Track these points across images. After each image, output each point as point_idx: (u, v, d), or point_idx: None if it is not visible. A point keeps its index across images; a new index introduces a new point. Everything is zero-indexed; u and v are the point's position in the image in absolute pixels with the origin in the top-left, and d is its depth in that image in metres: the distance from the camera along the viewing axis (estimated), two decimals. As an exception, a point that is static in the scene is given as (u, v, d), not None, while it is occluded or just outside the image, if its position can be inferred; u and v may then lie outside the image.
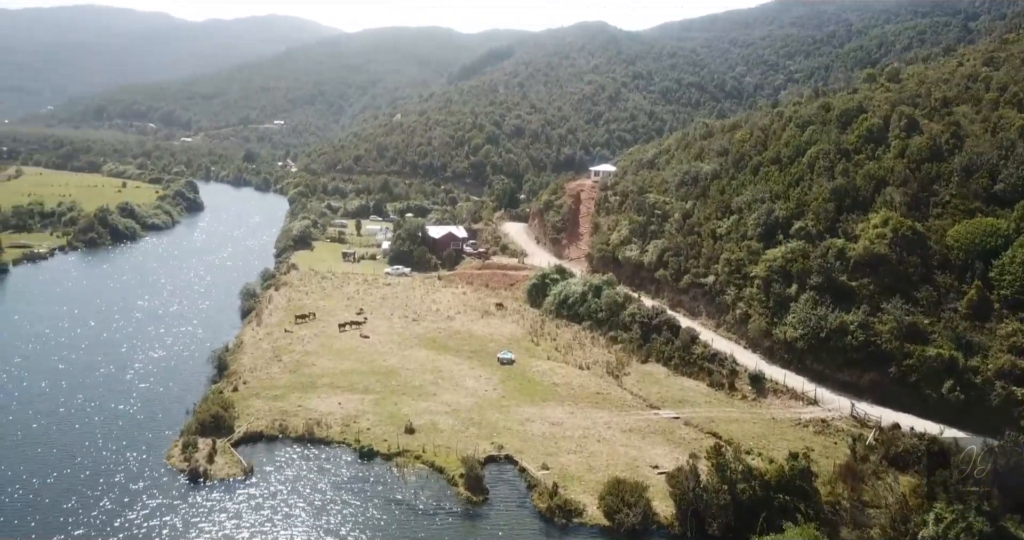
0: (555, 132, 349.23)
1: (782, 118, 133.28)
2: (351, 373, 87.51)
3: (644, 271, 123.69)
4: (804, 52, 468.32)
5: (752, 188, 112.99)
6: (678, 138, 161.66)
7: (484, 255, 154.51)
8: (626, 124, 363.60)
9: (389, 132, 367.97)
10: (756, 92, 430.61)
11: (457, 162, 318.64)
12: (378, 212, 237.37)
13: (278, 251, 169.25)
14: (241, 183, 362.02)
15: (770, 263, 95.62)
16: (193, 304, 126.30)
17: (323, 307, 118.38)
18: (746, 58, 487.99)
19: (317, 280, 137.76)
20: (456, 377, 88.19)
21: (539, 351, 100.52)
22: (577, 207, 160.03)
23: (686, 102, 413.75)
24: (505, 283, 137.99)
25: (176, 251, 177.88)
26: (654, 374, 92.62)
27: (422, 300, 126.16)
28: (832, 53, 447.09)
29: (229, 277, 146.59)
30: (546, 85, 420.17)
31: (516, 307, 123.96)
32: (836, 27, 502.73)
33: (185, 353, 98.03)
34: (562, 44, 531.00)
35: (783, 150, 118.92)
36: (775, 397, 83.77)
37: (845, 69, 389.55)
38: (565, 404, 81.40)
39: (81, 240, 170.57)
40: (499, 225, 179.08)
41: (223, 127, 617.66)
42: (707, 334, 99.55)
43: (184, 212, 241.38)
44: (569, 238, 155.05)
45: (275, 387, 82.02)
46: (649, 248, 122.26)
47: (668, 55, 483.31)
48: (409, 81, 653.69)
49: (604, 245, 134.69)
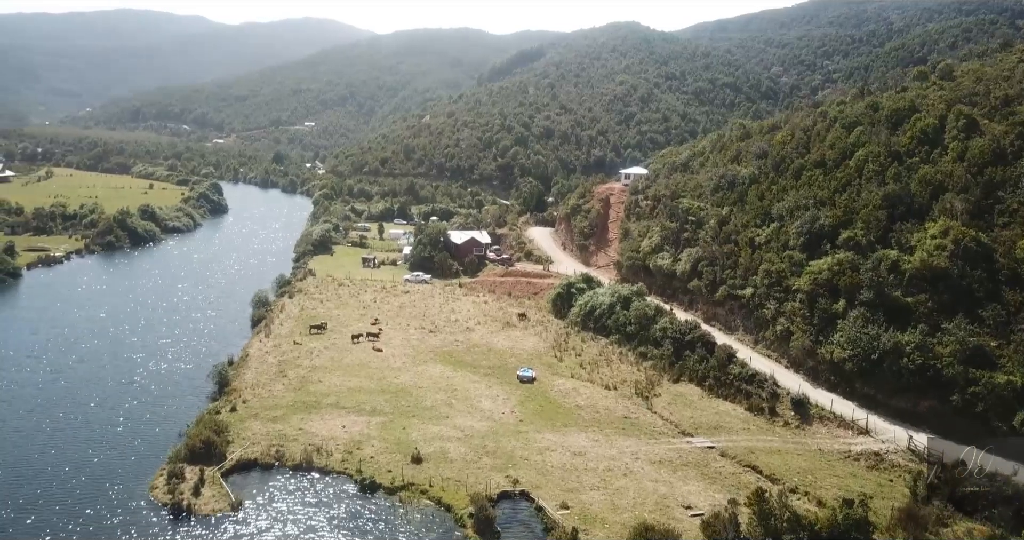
0: (585, 133, 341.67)
1: (825, 119, 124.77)
2: (359, 392, 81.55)
3: (676, 281, 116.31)
4: (842, 52, 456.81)
5: (794, 194, 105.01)
6: (713, 140, 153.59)
7: (507, 262, 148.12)
8: (658, 125, 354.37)
9: (417, 134, 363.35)
10: (792, 93, 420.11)
11: (484, 164, 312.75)
12: (402, 215, 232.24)
13: (297, 256, 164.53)
14: (268, 185, 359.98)
15: (815, 276, 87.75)
16: (204, 312, 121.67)
17: (337, 316, 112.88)
18: (782, 58, 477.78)
19: (334, 287, 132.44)
20: (471, 397, 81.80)
21: (562, 368, 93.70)
22: (606, 212, 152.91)
23: (720, 103, 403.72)
24: (529, 292, 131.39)
25: (195, 255, 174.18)
26: (687, 395, 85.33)
27: (441, 309, 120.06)
28: (872, 52, 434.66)
29: (245, 282, 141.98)
30: (576, 86, 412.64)
31: (539, 318, 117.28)
32: (876, 26, 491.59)
33: (188, 366, 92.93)
34: (594, 44, 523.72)
35: (828, 153, 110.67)
36: (821, 424, 76.02)
37: (886, 68, 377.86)
38: (589, 430, 74.53)
39: (99, 243, 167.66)
40: (524, 230, 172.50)
41: (254, 129, 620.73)
42: (744, 351, 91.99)
43: (207, 214, 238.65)
44: (597, 244, 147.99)
45: (276, 407, 76.32)
46: (682, 257, 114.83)
47: (702, 55, 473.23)
48: (440, 82, 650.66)
49: (634, 253, 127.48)
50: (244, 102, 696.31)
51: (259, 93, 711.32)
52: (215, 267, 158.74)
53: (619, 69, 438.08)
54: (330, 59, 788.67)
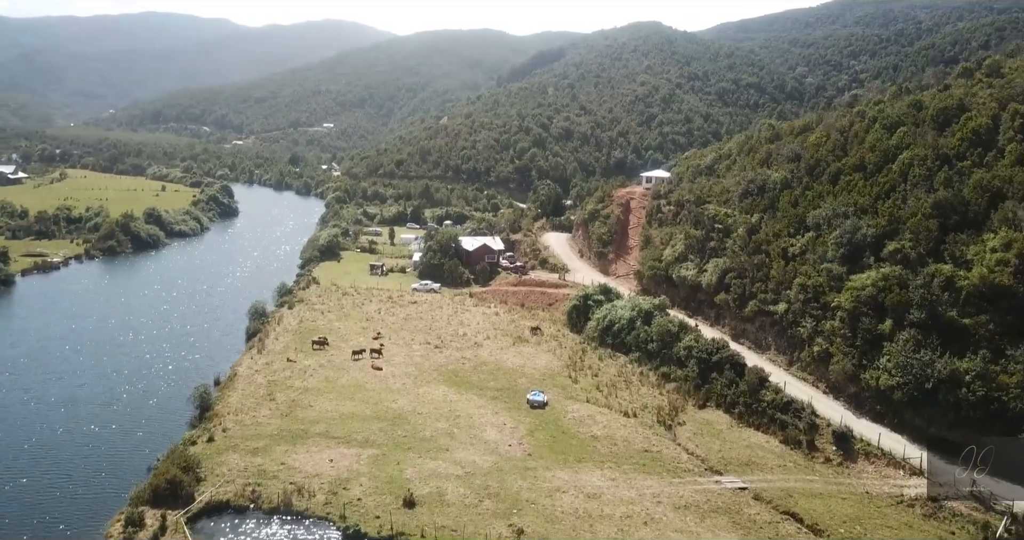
0: (605, 135, 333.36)
1: (863, 119, 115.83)
2: (352, 418, 74.19)
3: (701, 294, 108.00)
4: (870, 51, 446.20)
5: (831, 200, 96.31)
6: (740, 142, 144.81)
7: (521, 270, 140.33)
8: (680, 127, 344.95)
9: (433, 136, 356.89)
10: (818, 93, 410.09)
11: (501, 166, 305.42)
12: (415, 219, 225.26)
13: (303, 262, 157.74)
14: (283, 187, 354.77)
15: (857, 292, 79.11)
16: (199, 323, 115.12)
17: (338, 330, 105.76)
18: (807, 58, 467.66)
19: (337, 297, 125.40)
20: (476, 425, 74.15)
21: (577, 390, 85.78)
22: (626, 217, 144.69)
23: (744, 104, 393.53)
24: (543, 303, 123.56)
25: (198, 261, 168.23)
26: (714, 424, 77.13)
27: (448, 322, 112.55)
28: (900, 52, 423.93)
29: (247, 290, 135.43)
30: (597, 86, 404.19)
31: (554, 332, 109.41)
32: (904, 25, 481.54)
33: (172, 386, 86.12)
34: (614, 45, 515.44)
35: (868, 156, 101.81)
36: (867, 462, 67.55)
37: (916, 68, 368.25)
38: (605, 466, 66.58)
39: (100, 248, 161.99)
40: (539, 236, 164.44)
41: (273, 130, 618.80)
42: (778, 374, 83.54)
43: (217, 218, 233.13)
44: (616, 252, 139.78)
45: (259, 436, 69.13)
46: (708, 267, 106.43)
47: (725, 55, 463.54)
48: (460, 84, 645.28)
49: (656, 262, 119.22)
50: (264, 104, 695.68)
51: (279, 95, 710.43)
52: (217, 274, 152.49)
53: (640, 69, 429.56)
54: (349, 60, 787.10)
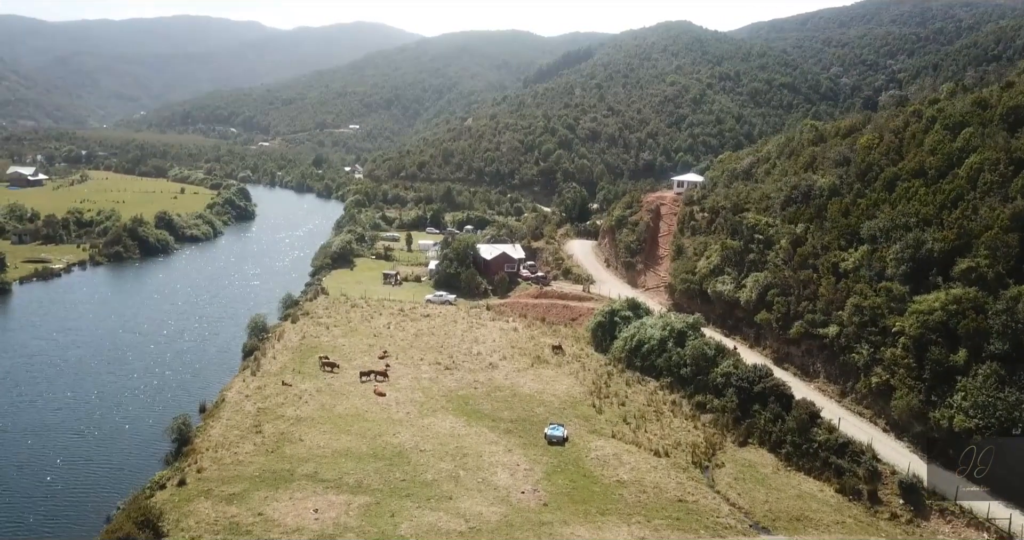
0: (634, 136, 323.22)
1: (920, 118, 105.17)
2: (346, 456, 65.68)
3: (740, 311, 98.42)
4: (907, 50, 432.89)
5: (888, 210, 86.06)
6: (780, 144, 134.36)
7: (543, 280, 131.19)
8: (711, 128, 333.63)
9: (456, 137, 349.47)
10: (853, 93, 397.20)
11: (526, 169, 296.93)
12: (435, 224, 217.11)
13: (314, 270, 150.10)
14: (304, 189, 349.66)
15: (924, 316, 69.05)
16: (196, 338, 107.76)
17: (342, 347, 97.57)
18: (842, 58, 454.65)
19: (345, 309, 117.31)
20: (485, 465, 65.26)
21: (602, 422, 76.53)
22: (656, 224, 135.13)
23: (777, 104, 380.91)
24: (566, 317, 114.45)
25: (207, 267, 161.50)
26: (758, 467, 67.51)
27: (462, 338, 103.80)
28: (940, 51, 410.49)
29: (253, 301, 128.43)
30: (625, 87, 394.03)
31: (577, 351, 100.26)
32: (943, 23, 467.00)
33: (156, 412, 78.29)
34: (643, 44, 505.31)
35: (928, 159, 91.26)
36: (942, 520, 57.61)
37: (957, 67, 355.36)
38: (633, 520, 57.31)
39: (105, 254, 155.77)
40: (563, 243, 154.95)
41: (299, 132, 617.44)
42: (830, 408, 73.72)
43: (232, 221, 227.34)
44: (646, 262, 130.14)
45: (238, 479, 60.84)
46: (747, 282, 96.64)
47: (757, 55, 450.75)
48: (486, 85, 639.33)
49: (689, 274, 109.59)
50: (290, 105, 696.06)
51: (306, 96, 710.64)
52: (223, 282, 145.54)
53: (670, 69, 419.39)
54: (376, 62, 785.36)
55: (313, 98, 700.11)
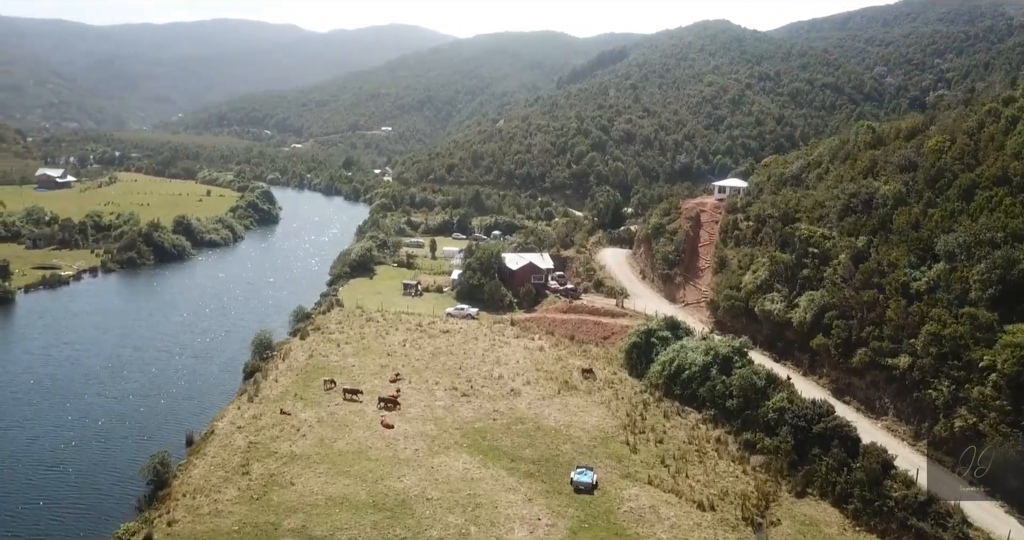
0: (670, 138, 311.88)
1: (998, 118, 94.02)
2: (341, 505, 57.19)
3: (791, 333, 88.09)
4: (955, 49, 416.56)
5: (968, 222, 75.51)
6: (832, 146, 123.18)
7: (573, 293, 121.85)
8: (751, 129, 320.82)
9: (487, 139, 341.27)
10: (899, 94, 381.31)
11: (557, 171, 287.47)
12: (462, 229, 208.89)
13: (332, 278, 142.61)
14: (332, 192, 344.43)
15: (1020, 351, 58.67)
16: (199, 355, 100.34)
17: (351, 368, 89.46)
18: (886, 57, 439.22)
19: (360, 324, 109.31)
20: (501, 520, 56.27)
21: (636, 464, 67.09)
22: (696, 233, 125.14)
23: (819, 105, 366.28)
24: (597, 336, 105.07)
25: (223, 274, 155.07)
26: (820, 524, 57.65)
27: (483, 358, 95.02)
28: (992, 50, 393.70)
29: (264, 313, 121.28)
30: (661, 87, 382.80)
31: (609, 375, 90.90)
32: (993, 21, 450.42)
33: (141, 442, 70.69)
34: (680, 44, 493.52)
35: (1012, 164, 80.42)
36: (1054, 606, 47.27)
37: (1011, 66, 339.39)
38: (674, 597, 48.02)
39: (118, 261, 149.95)
40: (595, 252, 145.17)
41: (332, 133, 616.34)
42: (904, 455, 63.43)
43: (255, 225, 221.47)
44: (685, 275, 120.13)
45: (213, 533, 52.63)
46: (801, 302, 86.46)
47: (798, 54, 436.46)
48: (519, 86, 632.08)
49: (734, 290, 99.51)
50: (324, 107, 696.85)
51: (339, 98, 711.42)
52: (236, 292, 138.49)
53: (707, 70, 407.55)
54: (409, 63, 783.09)
55: (346, 100, 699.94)
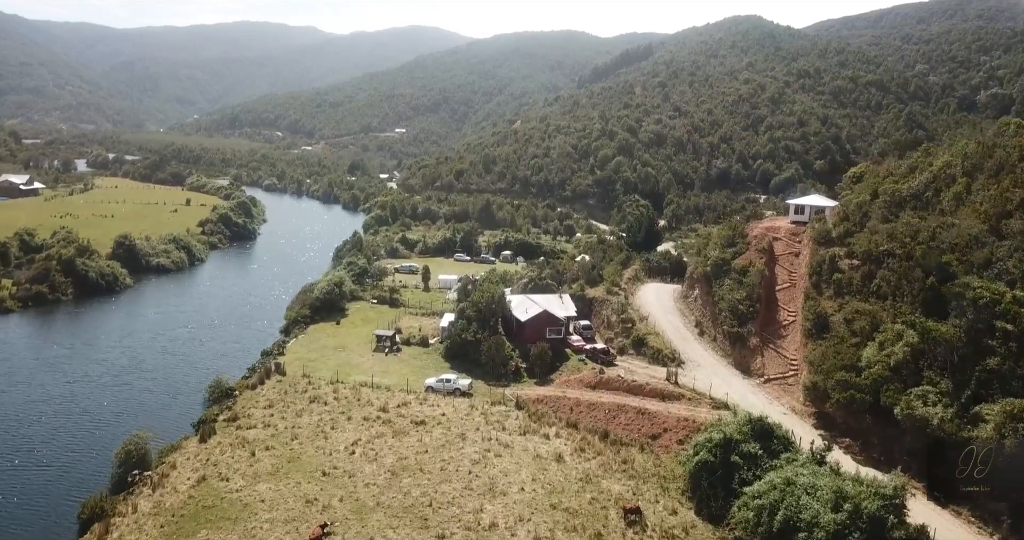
0: (704, 140, 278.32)
1: None
2: None
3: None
4: (1003, 46, 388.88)
5: None
6: (967, 153, 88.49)
7: (604, 357, 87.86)
8: (793, 131, 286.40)
9: (501, 142, 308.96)
10: (945, 93, 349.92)
11: (579, 178, 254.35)
12: (466, 248, 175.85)
13: (286, 324, 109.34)
14: (331, 200, 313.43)
15: None
16: (57, 456, 68.16)
17: (255, 508, 56.51)
18: (926, 55, 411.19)
19: (299, 406, 76.42)
20: None
21: None
22: (771, 271, 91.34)
23: (864, 105, 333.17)
24: (641, 431, 71.38)
25: (157, 313, 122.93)
26: None
27: (469, 480, 61.55)
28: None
29: (185, 380, 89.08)
30: (692, 85, 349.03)
31: (667, 516, 57.25)
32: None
33: None
34: (710, 41, 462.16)
35: None
36: None
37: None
38: None
39: (18, 298, 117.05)
40: (632, 290, 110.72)
41: (344, 135, 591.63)
42: None
43: (226, 242, 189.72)
44: (762, 328, 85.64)
45: None
46: (987, 412, 52.54)
47: (835, 52, 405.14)
48: (538, 86, 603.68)
49: (849, 374, 65.33)
50: (337, 108, 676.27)
51: (353, 99, 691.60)
52: (159, 344, 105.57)
53: (741, 66, 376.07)
54: (426, 64, 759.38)
55: (360, 101, 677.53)
